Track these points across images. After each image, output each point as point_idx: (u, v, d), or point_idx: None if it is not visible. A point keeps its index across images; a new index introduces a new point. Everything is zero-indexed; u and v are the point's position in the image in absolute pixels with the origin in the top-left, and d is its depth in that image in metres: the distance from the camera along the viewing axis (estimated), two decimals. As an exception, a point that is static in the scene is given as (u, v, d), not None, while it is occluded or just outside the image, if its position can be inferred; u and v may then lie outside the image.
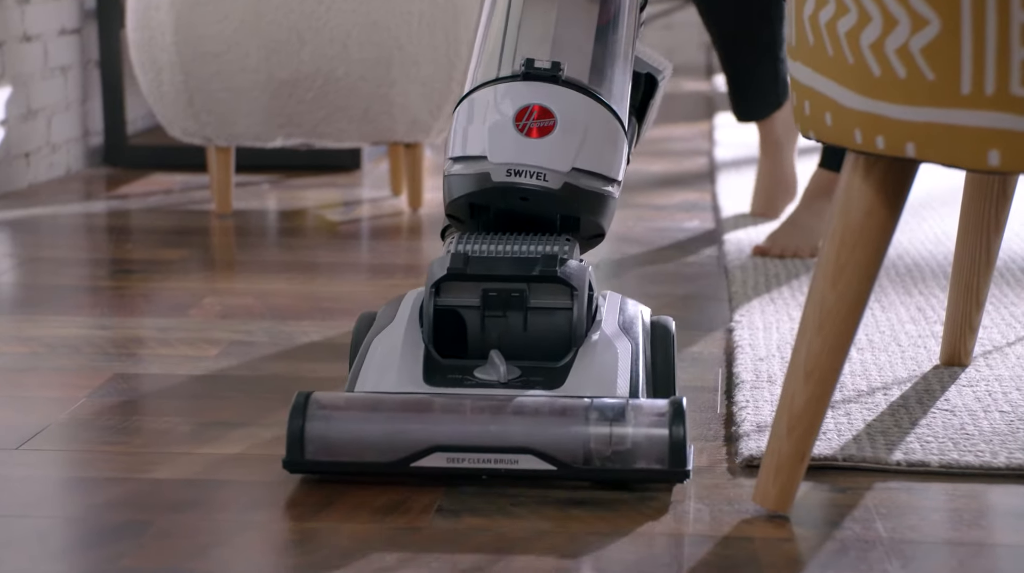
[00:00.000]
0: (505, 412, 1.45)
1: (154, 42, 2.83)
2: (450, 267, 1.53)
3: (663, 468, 1.44)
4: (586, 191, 1.58)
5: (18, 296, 2.27)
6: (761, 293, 2.22)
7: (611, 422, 1.44)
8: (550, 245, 1.56)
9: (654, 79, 1.72)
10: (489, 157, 1.57)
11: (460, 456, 1.45)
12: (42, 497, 1.45)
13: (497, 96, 1.59)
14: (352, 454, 1.46)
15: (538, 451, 1.44)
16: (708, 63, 5.58)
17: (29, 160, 3.24)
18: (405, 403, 1.46)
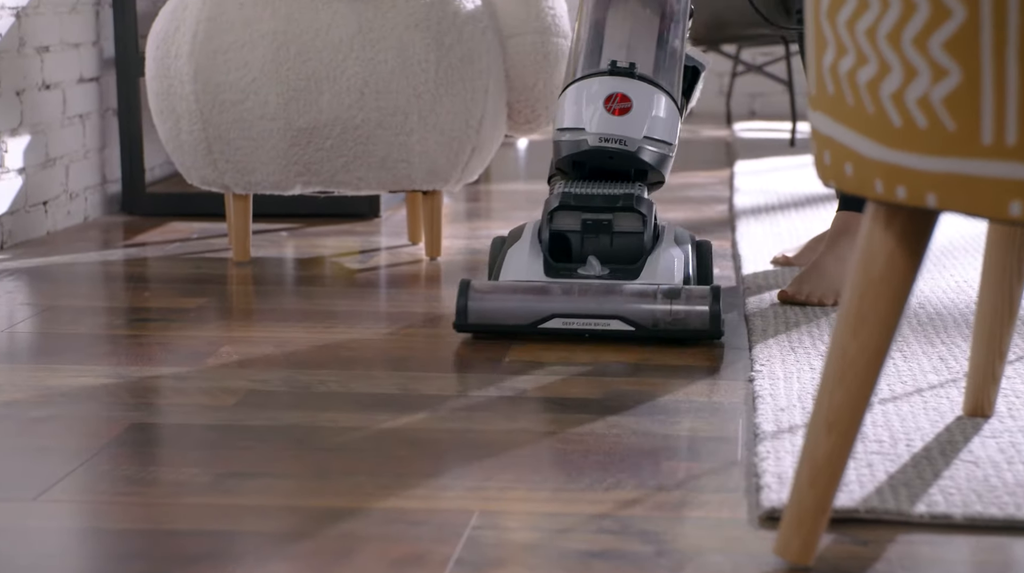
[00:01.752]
0: (601, 292, 2.21)
1: (173, 91, 2.83)
2: (562, 200, 2.31)
3: (705, 329, 2.18)
4: (652, 151, 2.39)
5: (36, 345, 2.27)
6: (782, 342, 2.20)
7: (671, 300, 2.20)
8: (627, 188, 2.34)
9: (697, 70, 2.51)
10: (587, 128, 2.38)
11: (571, 321, 2.20)
12: (59, 549, 1.44)
13: (592, 86, 2.40)
14: (500, 319, 2.22)
15: (624, 317, 2.19)
16: (728, 110, 5.58)
17: (47, 208, 3.24)
18: (532, 286, 2.23)
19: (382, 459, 1.72)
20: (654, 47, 2.43)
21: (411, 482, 1.64)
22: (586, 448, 1.76)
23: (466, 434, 1.81)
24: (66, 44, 3.31)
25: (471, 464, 1.70)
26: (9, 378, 2.06)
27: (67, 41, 3.32)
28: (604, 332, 2.19)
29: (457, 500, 1.58)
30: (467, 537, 1.46)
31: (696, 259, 2.37)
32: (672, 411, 1.91)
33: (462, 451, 1.75)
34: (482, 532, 1.48)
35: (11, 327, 2.38)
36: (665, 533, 1.48)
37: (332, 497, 1.59)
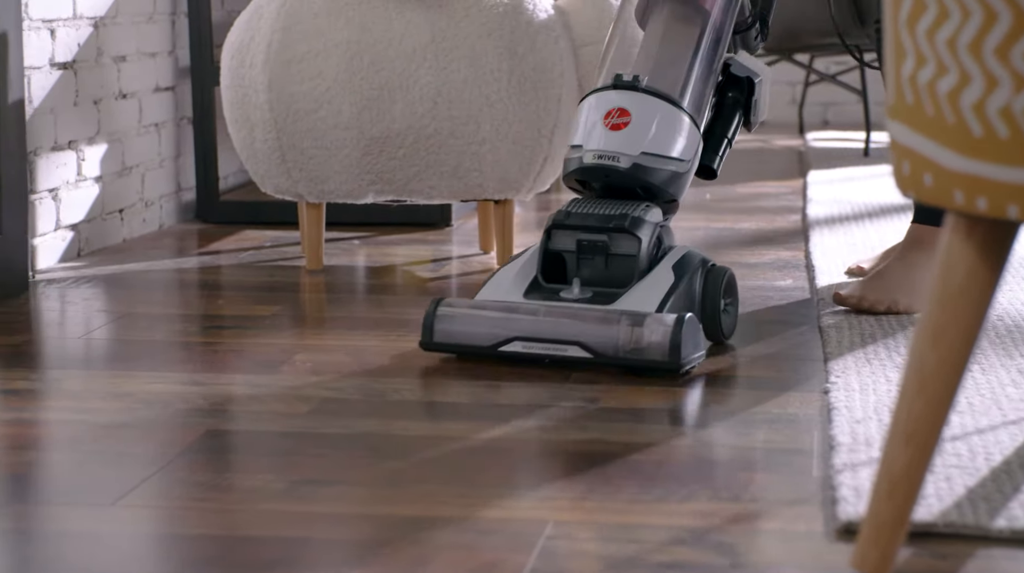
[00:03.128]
0: (564, 316, 2.11)
1: (247, 100, 2.86)
2: (555, 219, 2.21)
3: (666, 360, 2.05)
4: (652, 168, 2.22)
5: (112, 351, 2.29)
6: (857, 353, 2.19)
7: (634, 328, 2.07)
8: (629, 208, 2.20)
9: (752, 81, 2.37)
10: (584, 145, 2.25)
11: (531, 344, 2.11)
12: (135, 554, 1.45)
13: (595, 101, 2.28)
14: (463, 340, 2.15)
15: (583, 343, 2.09)
16: (800, 119, 5.55)
17: (123, 216, 3.28)
18: (499, 308, 2.14)
19: (456, 468, 1.72)
20: (681, 64, 2.28)
21: (485, 491, 1.64)
22: (659, 459, 1.75)
23: (539, 443, 1.81)
24: (142, 54, 3.35)
25: (544, 473, 1.70)
26: (86, 384, 2.09)
27: (143, 51, 3.35)
28: (563, 358, 2.10)
29: (531, 509, 1.58)
30: (541, 547, 1.46)
31: (703, 287, 2.22)
32: (746, 422, 1.89)
33: (535, 460, 1.75)
34: (556, 542, 1.47)
35: (88, 334, 2.40)
36: (740, 545, 1.47)
37: (406, 505, 1.59)
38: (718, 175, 2.31)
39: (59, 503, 1.59)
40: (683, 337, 2.05)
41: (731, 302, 2.28)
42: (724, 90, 2.37)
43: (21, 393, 2.04)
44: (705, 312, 2.22)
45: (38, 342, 2.35)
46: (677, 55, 2.28)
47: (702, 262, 2.22)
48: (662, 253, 2.22)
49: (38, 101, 2.90)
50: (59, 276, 2.86)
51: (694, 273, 2.20)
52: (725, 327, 2.26)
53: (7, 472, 1.70)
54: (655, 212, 2.22)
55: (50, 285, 2.78)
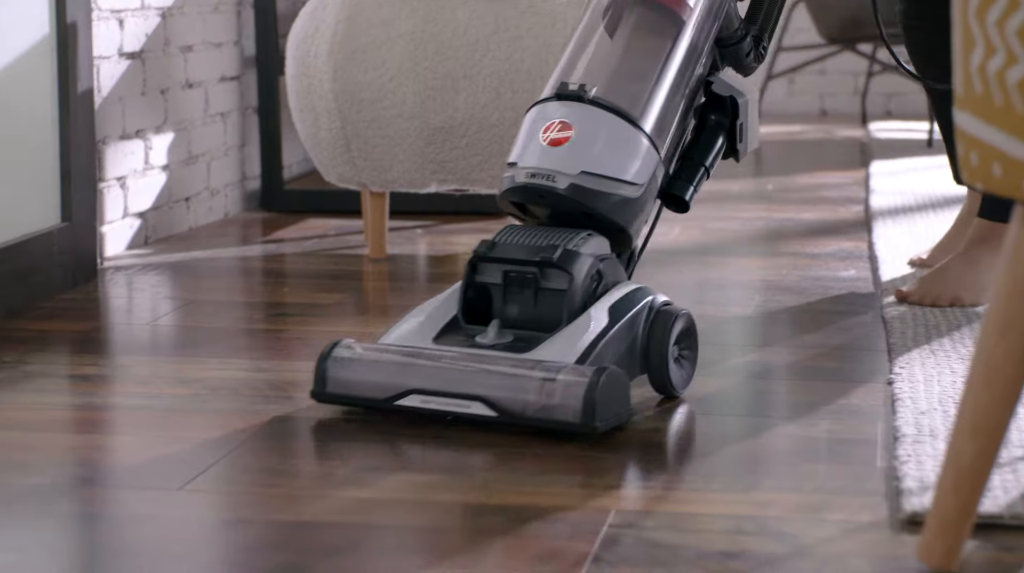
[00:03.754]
0: (469, 368, 1.79)
1: (312, 89, 2.87)
2: (477, 251, 1.89)
3: (577, 422, 1.73)
4: (592, 190, 1.90)
5: (179, 338, 2.31)
6: (921, 344, 2.18)
7: (544, 382, 1.75)
8: (564, 238, 1.88)
9: (736, 101, 2.05)
10: (518, 163, 1.94)
11: (429, 399, 1.79)
12: (203, 538, 1.47)
13: (535, 113, 1.96)
14: (357, 391, 1.84)
15: (486, 400, 1.77)
16: (863, 109, 5.52)
17: (189, 204, 3.31)
18: (398, 355, 1.83)
19: (520, 456, 1.73)
20: (646, 78, 1.95)
21: (548, 479, 1.64)
22: (722, 448, 1.75)
23: (603, 432, 1.81)
24: (208, 44, 3.37)
25: (607, 462, 1.71)
26: (154, 370, 2.11)
27: (209, 41, 3.38)
28: (465, 416, 1.78)
29: (593, 498, 1.58)
30: (604, 535, 1.47)
31: (648, 332, 1.89)
32: (810, 413, 1.89)
33: (598, 448, 1.75)
34: (619, 530, 1.48)
35: (155, 320, 2.43)
36: (804, 535, 1.47)
37: (468, 493, 1.60)
38: (690, 208, 1.96)
39: (128, 487, 1.61)
40: (599, 395, 1.72)
41: (687, 349, 1.94)
42: (705, 112, 2.05)
43: (90, 378, 2.07)
44: (650, 362, 1.89)
45: (107, 328, 2.38)
46: (641, 68, 1.96)
47: (649, 302, 1.90)
48: (602, 291, 1.89)
49: (107, 90, 2.93)
50: (126, 263, 2.89)
51: (637, 315, 1.87)
52: (675, 380, 1.92)
53: (77, 456, 1.73)
54: (596, 243, 1.89)
55: (118, 272, 2.81)
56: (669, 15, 1.99)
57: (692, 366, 1.95)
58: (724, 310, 2.49)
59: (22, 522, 1.51)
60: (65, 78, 2.64)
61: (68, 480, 1.64)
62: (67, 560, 1.41)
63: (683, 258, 2.95)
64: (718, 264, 2.89)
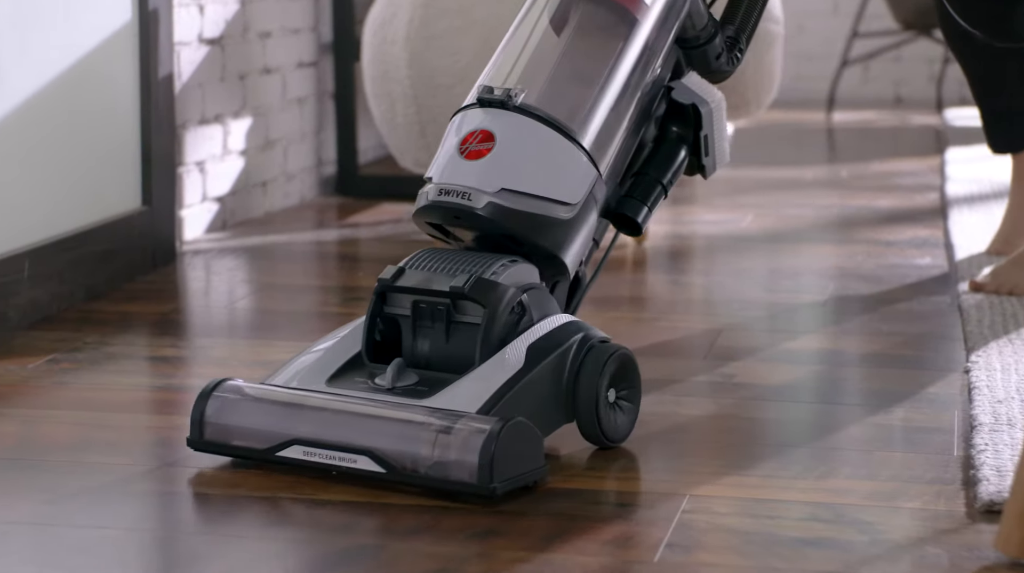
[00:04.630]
0: (357, 415, 1.57)
1: (389, 75, 2.89)
2: (381, 279, 1.66)
3: (473, 482, 1.50)
4: (516, 211, 1.65)
5: (255, 321, 2.34)
6: (998, 333, 2.16)
7: (439, 434, 1.53)
8: (482, 265, 1.64)
9: (698, 110, 1.79)
10: (433, 178, 1.69)
11: (313, 451, 1.57)
12: (280, 518, 1.49)
13: (458, 122, 1.72)
14: (235, 439, 1.62)
15: (374, 454, 1.55)
16: (938, 96, 5.47)
17: (266, 189, 3.34)
18: (282, 400, 1.61)
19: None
20: (591, 81, 1.72)
21: (621, 464, 1.65)
22: (797, 435, 1.75)
23: (675, 418, 1.82)
24: (286, 30, 3.40)
25: (680, 448, 1.71)
26: (232, 352, 2.14)
27: (287, 27, 3.41)
28: (350, 471, 1.56)
29: (667, 484, 1.59)
30: (678, 521, 1.47)
31: (576, 373, 1.63)
32: (885, 400, 1.89)
33: (670, 434, 1.76)
34: (693, 516, 1.49)
35: (232, 303, 2.46)
36: (880, 523, 1.47)
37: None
38: (643, 232, 1.75)
39: (206, 467, 1.63)
40: (498, 452, 1.50)
41: (627, 392, 1.69)
42: (666, 122, 1.80)
43: (170, 360, 2.10)
44: (578, 408, 1.64)
45: (185, 311, 2.41)
46: (584, 71, 1.73)
47: (579, 340, 1.64)
48: (523, 327, 1.64)
49: (187, 76, 2.96)
50: (204, 247, 2.93)
51: (563, 355, 1.62)
52: (609, 428, 1.66)
53: (158, 436, 1.75)
54: (520, 270, 1.66)
55: (196, 255, 2.84)
56: (620, 11, 1.75)
57: (634, 412, 1.70)
58: (797, 297, 2.48)
59: (104, 500, 1.53)
60: (146, 64, 2.67)
61: (148, 459, 1.67)
62: (145, 537, 1.44)
63: (755, 245, 2.94)
64: (791, 251, 2.88)
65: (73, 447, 1.70)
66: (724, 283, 2.60)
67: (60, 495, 1.55)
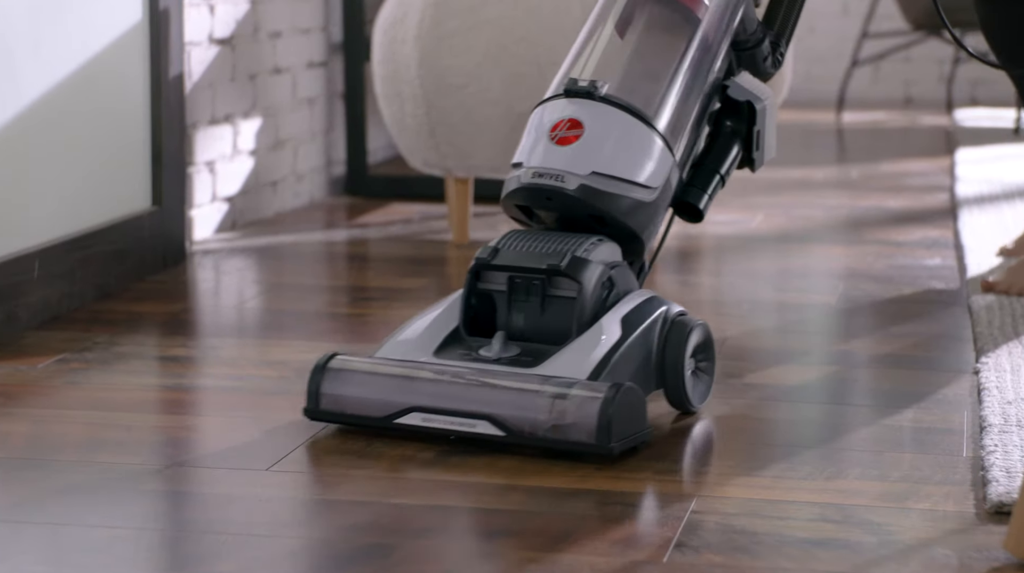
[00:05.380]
0: (474, 384, 1.69)
1: (399, 75, 2.89)
2: (478, 257, 1.79)
3: (592, 442, 1.63)
4: (603, 192, 1.79)
5: (265, 321, 2.34)
6: (1008, 334, 2.16)
7: (555, 399, 1.65)
8: (573, 244, 1.77)
9: (753, 107, 1.93)
10: (524, 163, 1.82)
11: (432, 417, 1.69)
12: (291, 518, 1.49)
13: (543, 112, 1.85)
14: (353, 409, 1.73)
15: (494, 419, 1.67)
16: (948, 97, 5.46)
17: (276, 189, 3.34)
18: (397, 370, 1.73)
19: (602, 441, 1.73)
20: (662, 75, 1.85)
21: (630, 465, 1.65)
22: (806, 436, 1.75)
23: (684, 418, 1.82)
24: (296, 30, 3.41)
25: (689, 448, 1.71)
26: (241, 352, 2.14)
27: (297, 27, 3.41)
28: (470, 435, 1.68)
29: (676, 484, 1.59)
30: (687, 521, 1.47)
31: (662, 344, 1.78)
32: (895, 401, 1.88)
33: (679, 435, 1.76)
34: (701, 517, 1.49)
35: (241, 303, 2.46)
36: (889, 524, 1.47)
37: (552, 477, 1.61)
38: (703, 218, 1.88)
39: (215, 467, 1.64)
40: (614, 414, 1.62)
41: (704, 361, 1.83)
42: (720, 118, 1.93)
43: (179, 359, 2.10)
44: (665, 376, 1.78)
45: (195, 310, 2.41)
46: (655, 66, 1.85)
47: (664, 313, 1.79)
48: (613, 301, 1.78)
49: (197, 76, 2.97)
50: (214, 247, 2.93)
51: (651, 327, 1.76)
52: (692, 394, 1.81)
53: (167, 436, 1.76)
54: (607, 249, 1.79)
55: (206, 255, 2.85)
56: (684, 12, 1.89)
57: (710, 379, 1.84)
58: (807, 298, 2.48)
59: (113, 499, 1.54)
60: (157, 64, 2.68)
61: (158, 459, 1.67)
62: (155, 537, 1.44)
63: (765, 245, 2.94)
64: (801, 251, 2.88)
65: (83, 446, 1.71)
66: (734, 283, 2.60)
67: (70, 494, 1.55)
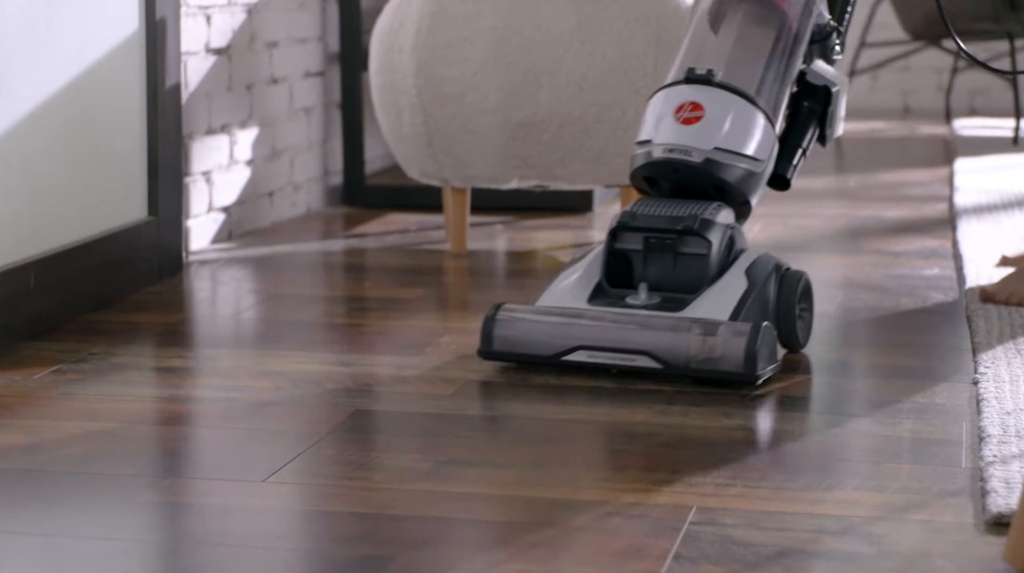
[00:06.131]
0: (631, 323, 2.00)
1: (396, 84, 2.89)
2: (620, 220, 2.10)
3: (741, 371, 1.94)
4: (724, 164, 2.11)
5: (261, 331, 2.34)
6: (1007, 344, 2.15)
7: (706, 336, 1.96)
8: (699, 208, 2.09)
9: (829, 90, 2.27)
10: (653, 140, 2.14)
11: (597, 354, 2.00)
12: (287, 529, 1.49)
13: (667, 95, 2.17)
14: (524, 348, 2.04)
15: (652, 353, 1.98)
16: (947, 106, 5.46)
17: (272, 199, 3.34)
18: (562, 314, 2.04)
19: (599, 452, 1.73)
20: (758, 61, 2.17)
21: (628, 475, 1.65)
22: (805, 447, 1.75)
23: (683, 429, 1.81)
24: (293, 39, 3.40)
25: (688, 459, 1.71)
26: (238, 363, 2.13)
27: (294, 36, 3.41)
28: (631, 368, 1.99)
29: (674, 495, 1.58)
30: (685, 532, 1.47)
31: (777, 293, 2.09)
32: (893, 412, 1.88)
33: (679, 446, 1.75)
34: (700, 528, 1.48)
35: (238, 314, 2.46)
36: (888, 535, 1.46)
37: (550, 488, 1.60)
38: (790, 187, 2.16)
39: (212, 479, 1.63)
40: (759, 347, 1.94)
41: (806, 308, 2.16)
42: (799, 99, 2.27)
43: (176, 370, 2.09)
44: (780, 319, 2.10)
45: (191, 321, 2.41)
46: (752, 55, 2.18)
47: (776, 267, 2.10)
48: (733, 257, 2.11)
49: (194, 85, 2.96)
50: (211, 257, 2.93)
51: (768, 278, 2.08)
52: (801, 335, 2.13)
53: (163, 447, 1.75)
54: (727, 213, 2.12)
55: (202, 266, 2.84)
56: (774, 9, 2.21)
57: (810, 322, 2.18)
58: (806, 308, 2.47)
59: (109, 511, 1.53)
60: (153, 73, 2.67)
61: (154, 471, 1.66)
62: (152, 549, 1.43)
63: (765, 255, 2.93)
64: (800, 261, 2.88)
65: (79, 458, 1.70)
66: (731, 293, 2.59)
67: (66, 506, 1.54)
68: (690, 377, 1.98)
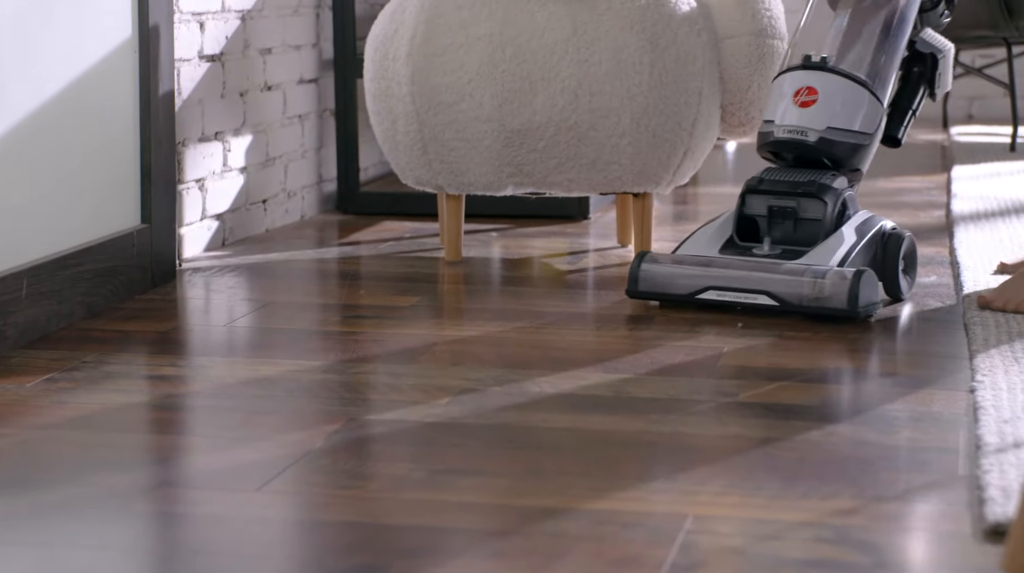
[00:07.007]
0: (754, 269, 2.40)
1: (390, 92, 2.88)
2: (748, 185, 2.50)
3: (845, 308, 2.32)
4: (837, 142, 2.51)
5: (255, 339, 2.33)
6: (1004, 352, 2.14)
7: (816, 279, 2.35)
8: (817, 176, 2.49)
9: (935, 57, 2.64)
10: (775, 120, 2.54)
11: (723, 293, 2.41)
12: (281, 539, 1.47)
13: (787, 80, 2.56)
14: (664, 288, 2.46)
15: (771, 293, 2.38)
16: (944, 114, 5.46)
17: (266, 206, 3.33)
18: (698, 260, 2.45)
19: (594, 460, 1.72)
20: (868, 44, 2.53)
21: (623, 484, 1.64)
22: (801, 456, 1.74)
23: (678, 437, 1.80)
24: (287, 46, 3.39)
25: (684, 468, 1.70)
26: (231, 371, 2.12)
27: (288, 43, 3.40)
28: (753, 305, 2.38)
29: (670, 504, 1.57)
30: (681, 541, 1.46)
31: (883, 249, 2.46)
32: (890, 420, 1.87)
33: (675, 455, 1.74)
34: (696, 537, 1.47)
35: (231, 322, 2.45)
36: (885, 545, 1.45)
37: (545, 497, 1.59)
38: (902, 143, 2.51)
39: (205, 487, 1.62)
40: (861, 288, 2.30)
41: (909, 265, 2.51)
42: (910, 65, 2.63)
43: (169, 379, 2.08)
44: (884, 271, 2.47)
45: (185, 329, 2.39)
46: (864, 36, 2.54)
47: (883, 226, 2.47)
48: (846, 217, 2.47)
49: (187, 93, 2.95)
50: (204, 265, 2.92)
51: (875, 235, 2.45)
52: (903, 287, 2.50)
53: (156, 456, 1.74)
54: (840, 180, 2.48)
55: (196, 273, 2.83)
56: None
57: (913, 277, 2.53)
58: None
59: (102, 520, 1.52)
60: (146, 80, 2.66)
61: (147, 480, 1.65)
62: (145, 559, 1.42)
63: (761, 263, 2.93)
64: (796, 269, 2.86)
65: (71, 466, 1.69)
66: (727, 301, 2.59)
67: (58, 515, 1.53)
68: (802, 314, 2.36)
